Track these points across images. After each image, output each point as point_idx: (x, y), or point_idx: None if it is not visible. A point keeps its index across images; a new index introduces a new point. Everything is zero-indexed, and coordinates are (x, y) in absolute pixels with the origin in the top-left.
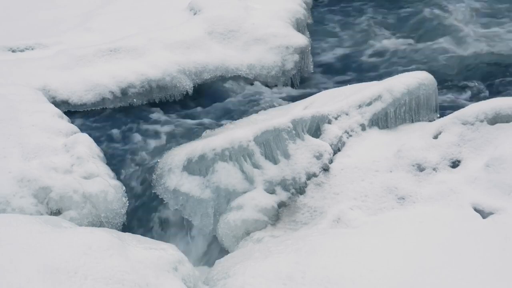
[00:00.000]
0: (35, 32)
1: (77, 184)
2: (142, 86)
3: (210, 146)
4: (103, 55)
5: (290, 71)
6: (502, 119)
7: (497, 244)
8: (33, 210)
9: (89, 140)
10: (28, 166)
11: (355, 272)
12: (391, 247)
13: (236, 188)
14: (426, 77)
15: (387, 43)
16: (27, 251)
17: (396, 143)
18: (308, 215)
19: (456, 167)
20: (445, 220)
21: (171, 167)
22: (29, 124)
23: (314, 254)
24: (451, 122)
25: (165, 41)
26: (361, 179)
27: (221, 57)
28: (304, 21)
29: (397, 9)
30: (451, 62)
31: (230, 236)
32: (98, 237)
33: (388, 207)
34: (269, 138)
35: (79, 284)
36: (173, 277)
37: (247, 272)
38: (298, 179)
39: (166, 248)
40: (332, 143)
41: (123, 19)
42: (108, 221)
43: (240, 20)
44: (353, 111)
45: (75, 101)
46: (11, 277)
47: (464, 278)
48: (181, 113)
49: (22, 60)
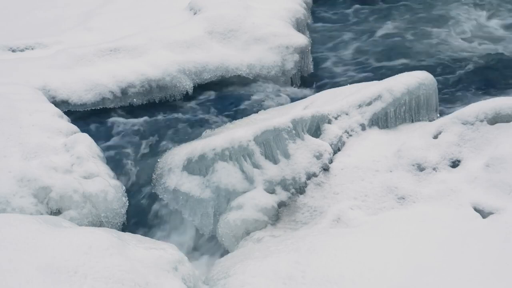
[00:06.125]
0: (35, 32)
1: (77, 184)
2: (142, 85)
3: (210, 146)
4: (103, 55)
5: (290, 70)
6: (502, 119)
7: (497, 244)
8: (33, 210)
9: (89, 139)
10: (28, 165)
11: (355, 272)
12: (391, 246)
13: (236, 188)
14: (426, 77)
15: (387, 43)
16: (27, 251)
17: (396, 142)
18: (308, 214)
19: (456, 166)
20: (445, 220)
21: (171, 167)
22: (29, 124)
23: (314, 253)
24: (451, 122)
25: (165, 41)
26: (361, 179)
27: (221, 57)
28: (304, 21)
29: (397, 8)
30: (452, 61)
31: (230, 235)
32: (98, 237)
33: (388, 207)
34: (269, 138)
35: (79, 284)
36: (173, 277)
37: (247, 272)
38: (298, 178)
39: (166, 247)
40: (332, 143)
41: (123, 19)
42: (108, 221)
43: (240, 19)
44: (353, 110)
45: (75, 101)
46: (11, 276)
47: (464, 278)
48: (181, 113)
49: (22, 60)
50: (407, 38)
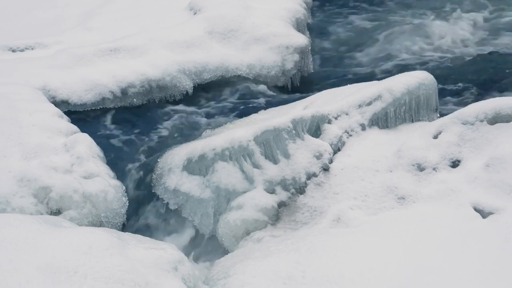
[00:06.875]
0: (35, 32)
1: (77, 184)
2: (142, 85)
3: (210, 146)
4: (103, 55)
5: (290, 70)
6: (502, 119)
7: (497, 244)
8: (33, 210)
9: (89, 139)
10: (28, 165)
11: (355, 271)
12: (391, 246)
13: (236, 188)
14: (426, 77)
15: (387, 42)
16: (27, 251)
17: (396, 142)
18: (308, 214)
19: (456, 166)
20: (445, 220)
21: (171, 167)
22: (29, 124)
23: (314, 253)
24: (451, 122)
25: (165, 41)
26: (361, 179)
27: (221, 57)
28: (304, 21)
29: (397, 8)
30: (452, 61)
31: (230, 235)
32: (98, 237)
33: (388, 207)
34: (269, 138)
35: (79, 284)
36: (173, 277)
37: (247, 272)
38: (298, 178)
39: (166, 247)
40: (332, 143)
41: (123, 19)
42: (108, 221)
43: (240, 19)
44: (353, 110)
45: (75, 101)
46: (11, 276)
47: (464, 278)
48: (181, 113)
49: (22, 60)
50: (407, 38)
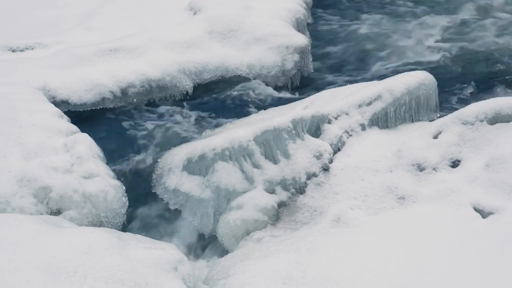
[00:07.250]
0: (35, 32)
1: (77, 184)
2: (142, 85)
3: (210, 146)
4: (103, 55)
5: (290, 71)
6: (502, 119)
7: (497, 244)
8: (33, 210)
9: (89, 139)
10: (28, 165)
11: (355, 271)
12: (391, 246)
13: (236, 188)
14: (426, 77)
15: (388, 42)
16: (27, 251)
17: (396, 142)
18: (308, 214)
19: (456, 166)
20: (445, 220)
21: (171, 167)
22: (29, 124)
23: (314, 253)
24: (451, 122)
25: (165, 41)
26: (361, 179)
27: (221, 57)
28: (304, 21)
29: (396, 8)
30: (452, 61)
31: (230, 235)
32: (98, 237)
33: (388, 207)
34: (269, 138)
35: (79, 284)
36: (173, 277)
37: (247, 272)
38: (298, 178)
39: (166, 247)
40: (332, 143)
41: (123, 19)
42: (108, 221)
43: (240, 19)
44: (353, 110)
45: (75, 101)
46: (11, 276)
47: (464, 278)
48: (181, 113)
49: (22, 60)
50: (407, 38)
